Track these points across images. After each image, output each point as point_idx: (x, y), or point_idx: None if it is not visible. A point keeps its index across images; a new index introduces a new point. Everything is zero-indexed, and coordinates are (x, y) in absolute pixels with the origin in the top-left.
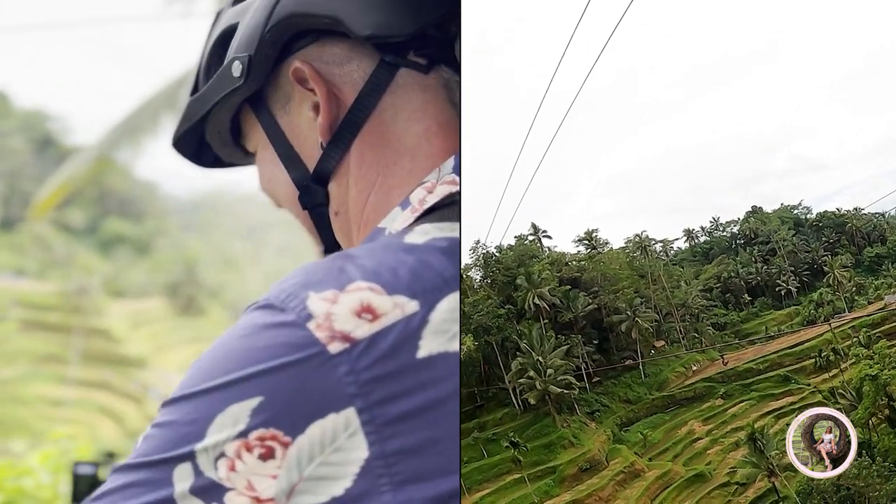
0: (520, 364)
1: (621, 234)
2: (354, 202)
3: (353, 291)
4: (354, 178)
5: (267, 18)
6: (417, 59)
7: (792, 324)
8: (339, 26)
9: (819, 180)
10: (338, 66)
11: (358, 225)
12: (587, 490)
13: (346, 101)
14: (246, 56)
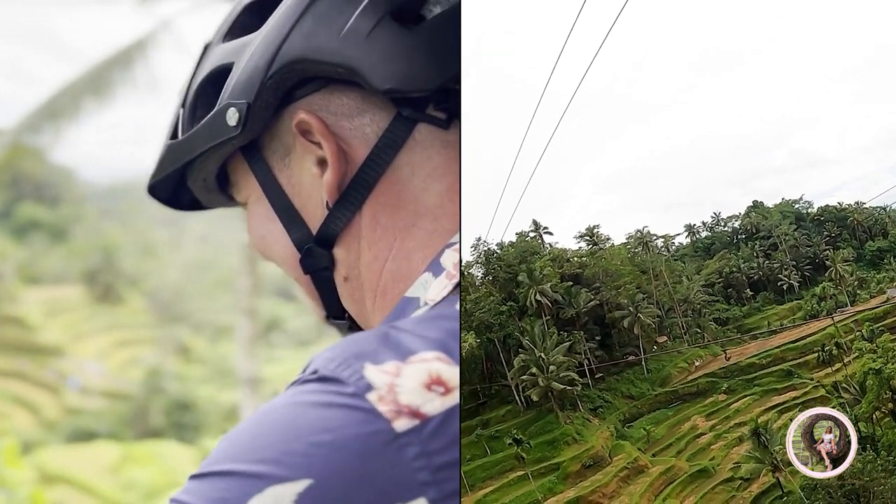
0: (522, 361)
1: (622, 230)
2: (368, 268)
3: (419, 363)
4: (368, 242)
5: (270, 62)
6: (437, 114)
7: (794, 318)
8: (353, 76)
9: (819, 175)
10: (348, 118)
11: (373, 292)
12: (591, 486)
13: (357, 157)
14: (244, 103)
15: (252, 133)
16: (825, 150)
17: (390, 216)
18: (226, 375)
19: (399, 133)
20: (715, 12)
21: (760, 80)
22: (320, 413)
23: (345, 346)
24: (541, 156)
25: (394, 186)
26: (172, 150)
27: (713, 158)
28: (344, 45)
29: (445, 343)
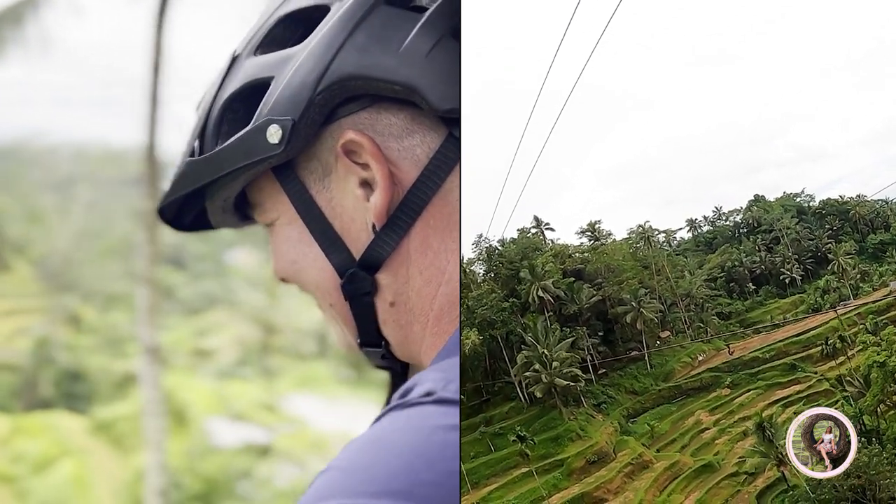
0: (525, 357)
1: (623, 226)
2: (419, 293)
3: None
4: (418, 267)
5: (319, 77)
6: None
7: (797, 312)
8: (411, 96)
9: (819, 169)
10: (396, 138)
11: (425, 317)
12: (595, 482)
13: (406, 179)
14: (288, 120)
15: (294, 151)
16: (825, 144)
17: (442, 239)
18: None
19: (450, 154)
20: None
21: (759, 75)
22: (451, 438)
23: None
24: (540, 151)
25: (444, 209)
26: (195, 167)
27: (713, 154)
28: (402, 64)
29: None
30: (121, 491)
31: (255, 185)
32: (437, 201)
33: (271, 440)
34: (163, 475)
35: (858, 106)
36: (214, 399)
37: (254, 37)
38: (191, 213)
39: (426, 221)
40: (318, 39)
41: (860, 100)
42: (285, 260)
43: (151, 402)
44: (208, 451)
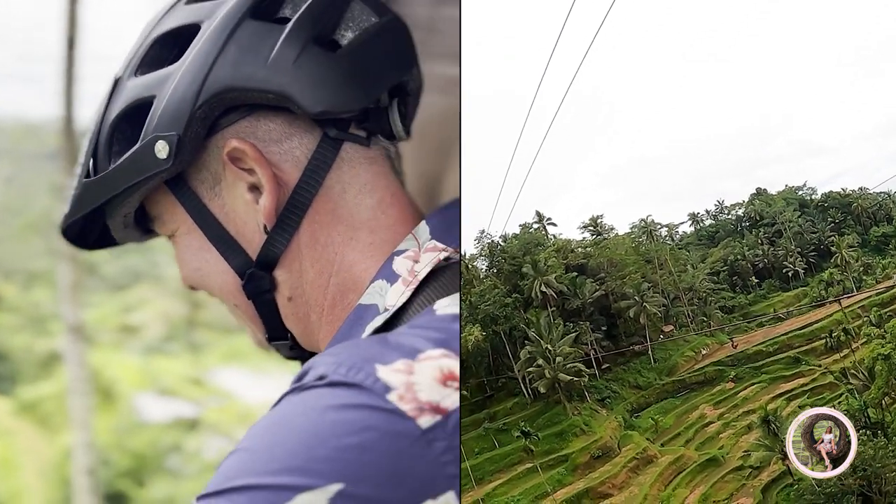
0: (528, 353)
1: (625, 220)
2: (312, 285)
3: (428, 360)
4: (310, 261)
5: (197, 92)
6: (358, 133)
7: (800, 305)
8: (284, 102)
9: (821, 164)
10: (276, 143)
11: (320, 307)
12: (600, 477)
13: (290, 180)
14: (174, 135)
15: (183, 164)
16: (826, 139)
17: (328, 233)
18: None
19: (328, 153)
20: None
21: (760, 71)
22: (341, 416)
23: (345, 351)
24: (539, 147)
25: (328, 204)
26: (90, 188)
27: (714, 150)
28: (272, 73)
29: (448, 341)
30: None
31: (152, 199)
32: (320, 198)
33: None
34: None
35: (860, 100)
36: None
37: (133, 58)
38: (94, 231)
39: (312, 218)
40: (193, 57)
41: (861, 94)
42: (189, 268)
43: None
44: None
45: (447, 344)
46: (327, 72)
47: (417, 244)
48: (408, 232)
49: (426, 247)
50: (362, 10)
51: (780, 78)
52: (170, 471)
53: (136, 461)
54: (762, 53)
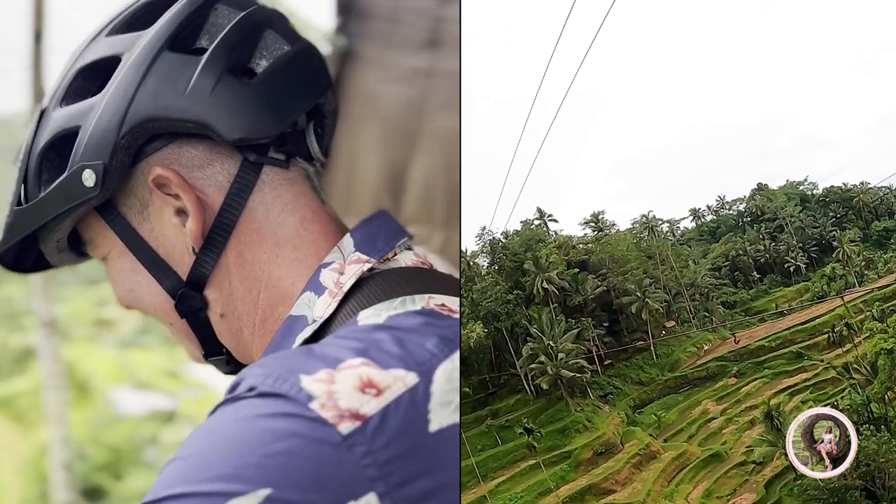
0: (531, 349)
1: (626, 216)
2: (243, 301)
3: (348, 369)
4: (238, 278)
5: (120, 123)
6: (277, 156)
7: (802, 300)
8: (203, 130)
9: (821, 158)
10: (199, 168)
11: (251, 322)
12: (603, 474)
13: (214, 204)
14: (100, 164)
15: (110, 191)
16: (826, 133)
17: (254, 252)
18: (14, 318)
19: (249, 177)
20: None
21: (760, 65)
22: (268, 425)
23: (273, 362)
24: (542, 143)
25: (252, 225)
26: (22, 215)
27: (714, 145)
28: (191, 103)
29: (368, 350)
30: (24, 467)
31: (84, 224)
32: (244, 219)
33: (175, 406)
34: (66, 448)
35: (860, 94)
36: (117, 369)
37: (58, 90)
38: (29, 255)
39: (238, 238)
40: (114, 89)
41: (862, 88)
42: (123, 289)
43: (51, 376)
44: (113, 421)
45: (367, 353)
46: (243, 100)
47: (342, 257)
48: (331, 246)
49: (350, 259)
50: (275, 39)
51: (780, 72)
52: (147, 463)
53: (112, 455)
54: (762, 48)
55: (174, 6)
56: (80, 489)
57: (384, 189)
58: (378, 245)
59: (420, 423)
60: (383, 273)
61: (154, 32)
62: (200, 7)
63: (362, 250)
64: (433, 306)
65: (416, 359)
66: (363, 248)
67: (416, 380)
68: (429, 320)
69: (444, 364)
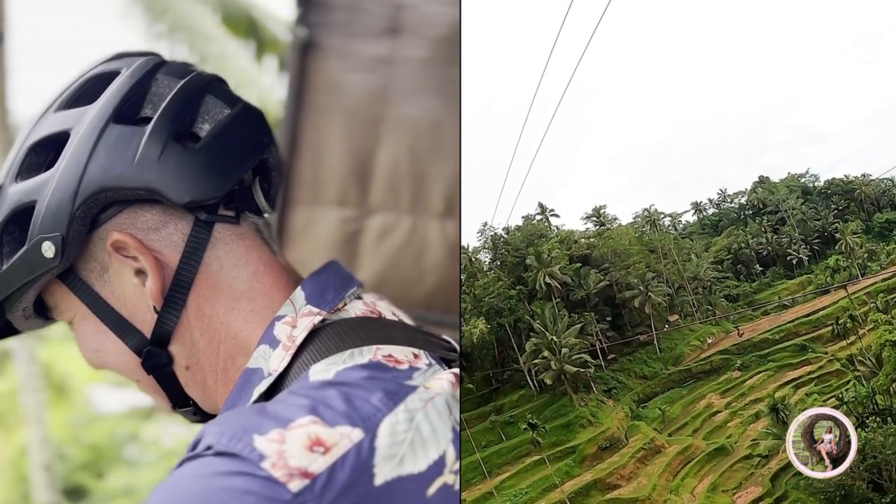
0: (534, 344)
1: (626, 211)
2: (205, 353)
3: (298, 428)
4: (199, 332)
5: (74, 195)
6: (228, 213)
7: (805, 293)
8: (154, 196)
9: (821, 150)
10: (154, 231)
11: (214, 372)
12: (608, 468)
13: (171, 263)
14: (58, 235)
15: (71, 259)
16: (826, 125)
17: (212, 306)
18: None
19: (202, 235)
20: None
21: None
22: (225, 483)
23: (229, 421)
24: (542, 138)
25: (208, 280)
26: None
27: (714, 138)
28: (140, 172)
29: (316, 408)
30: (5, 469)
31: (48, 291)
32: (200, 276)
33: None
34: (46, 449)
35: (859, 86)
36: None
37: (12, 166)
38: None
39: (196, 294)
40: (66, 163)
41: (861, 80)
42: (89, 350)
43: (29, 377)
44: (92, 420)
45: (315, 410)
46: (189, 165)
47: (295, 310)
48: (284, 297)
49: (302, 312)
50: (215, 103)
51: (778, 65)
52: (128, 461)
53: (93, 453)
54: (760, 41)
55: (117, 79)
56: (61, 489)
57: (350, 178)
58: (328, 297)
59: (366, 478)
60: (334, 324)
61: (100, 106)
62: (142, 78)
63: (313, 303)
64: (380, 358)
65: (361, 414)
66: (314, 301)
67: (361, 435)
68: (374, 374)
69: (388, 418)
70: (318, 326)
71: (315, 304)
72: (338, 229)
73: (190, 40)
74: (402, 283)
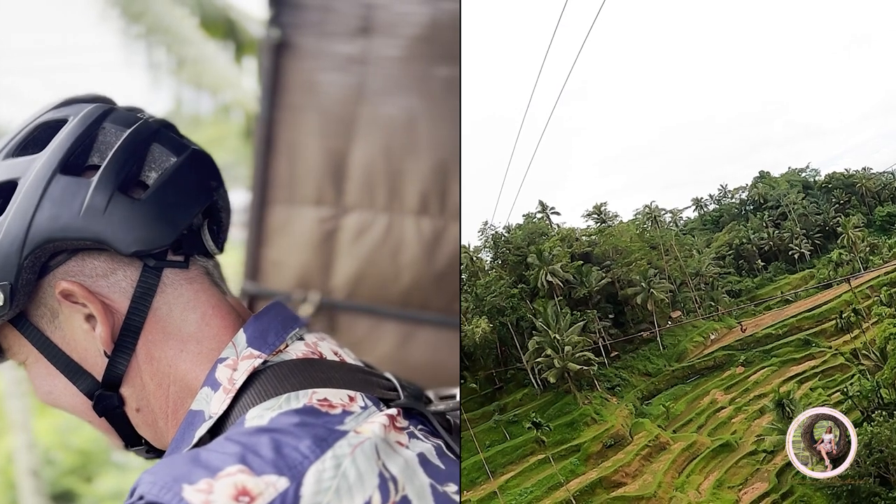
0: (537, 343)
1: (627, 209)
2: (155, 396)
3: (225, 477)
4: (149, 375)
5: (21, 246)
6: (176, 258)
7: (807, 287)
8: (101, 245)
9: (820, 146)
10: (103, 277)
11: (165, 414)
12: (613, 466)
13: (121, 309)
14: (7, 284)
15: (20, 306)
16: (824, 122)
17: (161, 349)
18: None
19: (150, 281)
20: None
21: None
22: None
23: (164, 470)
24: (541, 136)
25: (158, 324)
26: None
27: (713, 136)
28: (87, 223)
29: (245, 457)
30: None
31: (1, 334)
32: (150, 320)
33: None
34: (33, 454)
35: (857, 81)
36: None
37: None
38: None
39: (146, 338)
40: (13, 214)
41: (858, 75)
42: (42, 392)
43: (13, 384)
44: (80, 424)
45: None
46: (136, 215)
47: (236, 353)
48: (231, 339)
49: (243, 355)
50: (161, 151)
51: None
52: (116, 464)
53: (81, 458)
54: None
55: (65, 127)
56: (50, 494)
57: (326, 177)
58: (269, 339)
59: None
60: (274, 367)
61: (47, 156)
62: (89, 127)
63: (254, 346)
64: (314, 402)
65: (288, 462)
66: (255, 344)
67: (287, 484)
68: (306, 419)
69: (315, 465)
70: (259, 369)
71: (256, 346)
72: (315, 228)
73: (168, 42)
74: (378, 281)
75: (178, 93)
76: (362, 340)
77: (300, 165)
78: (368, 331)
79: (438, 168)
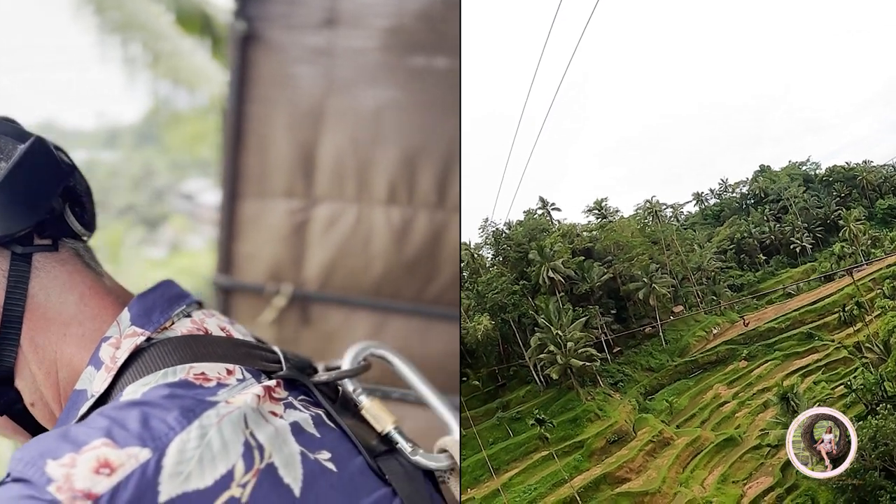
0: (539, 339)
1: (629, 203)
2: (45, 384)
3: (89, 451)
4: (36, 364)
5: None
6: (43, 242)
7: (809, 281)
8: None
9: (820, 139)
10: None
11: (58, 403)
12: (617, 462)
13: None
14: None
15: None
16: (824, 115)
17: (45, 335)
18: None
19: (22, 268)
20: None
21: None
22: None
23: (32, 446)
24: (539, 132)
25: (38, 311)
26: None
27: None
28: None
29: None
30: None
31: None
32: (29, 307)
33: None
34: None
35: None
36: None
37: None
38: None
39: (28, 326)
40: None
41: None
42: None
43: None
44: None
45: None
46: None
47: (119, 331)
48: (113, 318)
49: (126, 333)
50: (6, 141)
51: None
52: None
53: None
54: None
55: None
56: None
57: (296, 169)
58: (153, 317)
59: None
60: (157, 344)
61: None
62: None
63: (138, 323)
64: (191, 376)
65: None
66: (139, 322)
67: (149, 455)
68: (176, 391)
69: (179, 436)
70: (143, 346)
71: (140, 324)
72: (286, 220)
73: (143, 38)
74: (350, 271)
75: (154, 88)
76: (336, 330)
77: (270, 158)
78: (342, 321)
79: (406, 157)
